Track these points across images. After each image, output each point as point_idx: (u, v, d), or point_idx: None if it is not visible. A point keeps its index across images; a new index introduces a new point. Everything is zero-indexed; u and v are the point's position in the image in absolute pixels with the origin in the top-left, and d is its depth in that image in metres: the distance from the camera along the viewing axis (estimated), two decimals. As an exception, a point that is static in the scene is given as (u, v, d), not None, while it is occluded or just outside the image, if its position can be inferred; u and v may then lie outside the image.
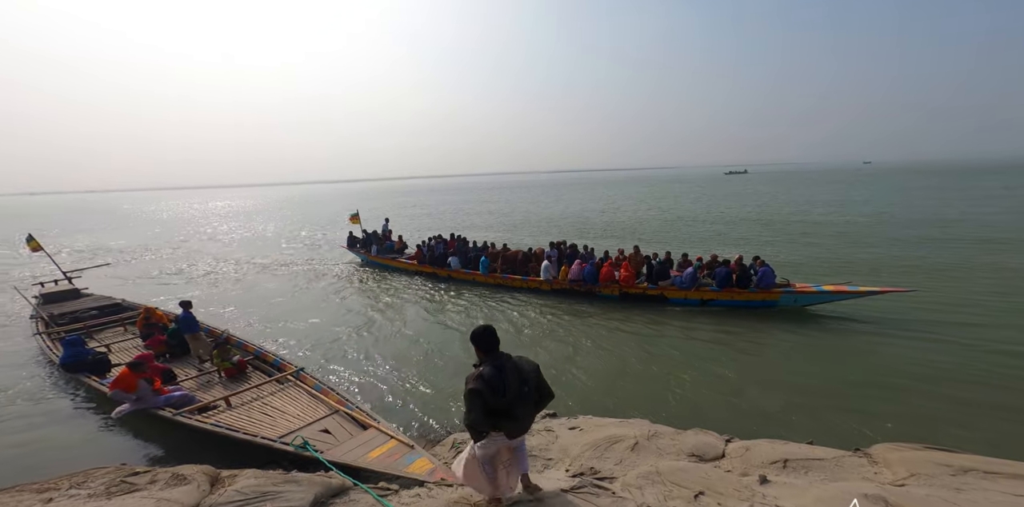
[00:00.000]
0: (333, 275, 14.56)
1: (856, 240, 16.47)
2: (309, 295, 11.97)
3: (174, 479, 3.31)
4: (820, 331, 7.46)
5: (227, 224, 37.11)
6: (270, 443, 4.32)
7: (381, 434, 4.43)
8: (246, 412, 5.13)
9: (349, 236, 17.04)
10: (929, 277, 10.57)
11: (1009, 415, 4.86)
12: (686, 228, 22.03)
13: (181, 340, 6.90)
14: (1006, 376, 5.65)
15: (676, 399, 5.59)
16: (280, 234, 27.63)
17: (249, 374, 6.29)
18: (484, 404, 2.46)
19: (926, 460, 3.25)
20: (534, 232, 23.06)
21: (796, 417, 4.97)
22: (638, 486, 3.14)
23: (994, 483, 2.89)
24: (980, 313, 7.85)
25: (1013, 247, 13.57)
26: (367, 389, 6.34)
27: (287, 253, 19.77)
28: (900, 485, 2.95)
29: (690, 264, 9.33)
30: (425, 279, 13.00)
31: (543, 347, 7.50)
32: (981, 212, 22.55)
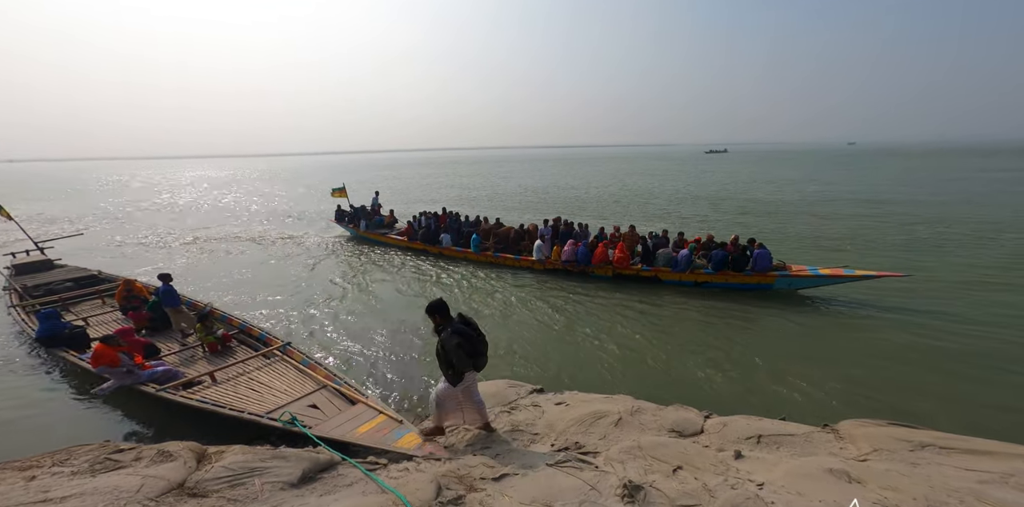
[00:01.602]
0: (321, 249, 14.28)
1: (782, 220, 17.18)
2: (296, 269, 11.78)
3: (159, 456, 3.31)
4: (808, 313, 7.66)
5: (210, 195, 35.92)
6: (257, 419, 4.33)
7: (370, 409, 4.48)
8: (232, 387, 5.10)
9: (337, 210, 16.61)
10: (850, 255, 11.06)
11: (976, 392, 5.12)
12: (638, 206, 22.43)
13: (162, 314, 6.74)
14: (977, 358, 5.88)
15: (660, 376, 5.78)
16: (264, 206, 26.84)
17: (234, 348, 6.22)
18: (466, 352, 3.37)
19: (888, 436, 3.47)
20: (493, 206, 23.11)
21: (773, 394, 5.20)
22: (620, 461, 3.28)
23: (948, 458, 3.11)
24: (960, 298, 8.05)
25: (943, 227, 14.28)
26: (355, 364, 6.36)
27: (272, 226, 19.27)
28: (863, 460, 3.15)
29: (685, 245, 9.31)
30: (415, 255, 12.85)
31: (532, 325, 7.59)
32: (940, 192, 23.46)
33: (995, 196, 21.63)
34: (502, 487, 3.15)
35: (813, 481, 2.78)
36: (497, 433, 3.95)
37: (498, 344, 6.81)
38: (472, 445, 3.80)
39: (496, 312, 8.29)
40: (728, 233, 10.26)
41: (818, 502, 2.55)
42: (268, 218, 21.88)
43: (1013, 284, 8.62)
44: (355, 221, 15.43)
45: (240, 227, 19.24)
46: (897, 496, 2.49)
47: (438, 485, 3.15)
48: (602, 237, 10.30)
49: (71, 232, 16.57)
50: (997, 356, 5.88)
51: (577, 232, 10.64)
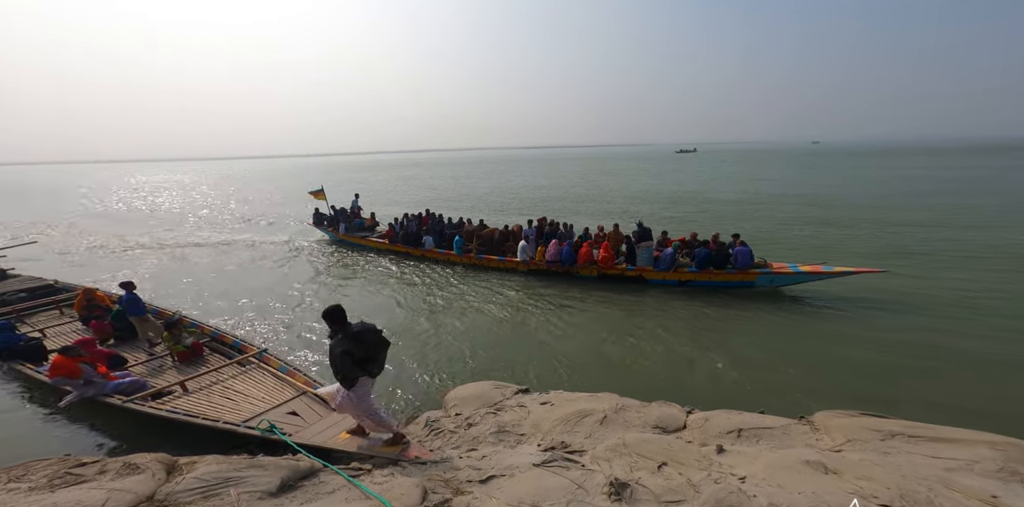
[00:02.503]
0: (298, 253, 13.90)
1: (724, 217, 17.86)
2: (272, 274, 11.44)
3: (126, 468, 3.15)
4: (787, 309, 7.84)
5: (181, 197, 34.94)
6: (234, 428, 4.18)
7: None
8: (205, 397, 4.92)
9: (315, 213, 16.12)
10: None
11: (944, 382, 5.36)
12: (598, 204, 22.91)
13: (127, 323, 6.45)
14: (946, 348, 6.16)
15: (644, 373, 5.86)
16: (238, 210, 26.04)
17: (206, 357, 6.00)
18: (352, 359, 3.40)
19: (860, 426, 3.60)
20: (457, 208, 23.09)
21: (753, 388, 5.33)
22: (606, 459, 3.31)
23: (916, 446, 3.25)
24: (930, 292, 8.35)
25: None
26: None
27: (246, 230, 18.67)
28: (838, 450, 3.27)
29: (669, 244, 9.38)
30: (397, 258, 12.61)
31: (517, 326, 7.58)
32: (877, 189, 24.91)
33: (934, 192, 23.09)
34: (489, 489, 3.13)
35: (792, 473, 2.86)
36: (481, 435, 3.92)
37: (482, 346, 6.79)
38: (458, 448, 3.77)
39: (480, 313, 8.24)
40: (684, 231, 10.47)
41: (797, 494, 2.62)
42: (242, 222, 21.20)
43: (973, 276, 9.10)
44: (334, 224, 15.04)
45: (213, 232, 18.60)
46: (871, 486, 2.59)
47: (424, 489, 3.10)
48: (586, 237, 10.29)
49: (24, 240, 15.59)
50: (962, 348, 6.15)
51: (562, 232, 10.57)
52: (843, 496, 2.51)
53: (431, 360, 6.38)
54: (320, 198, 15.32)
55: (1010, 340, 6.23)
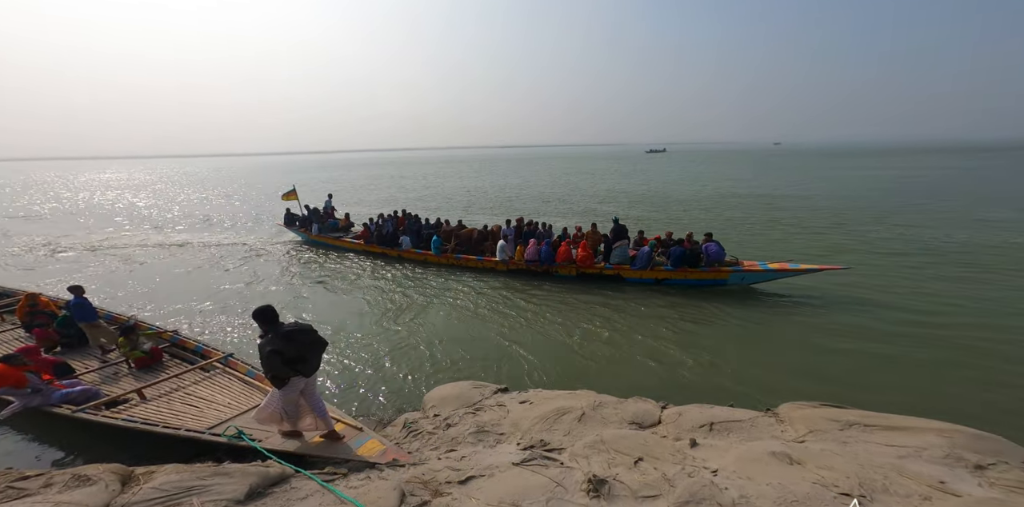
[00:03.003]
0: (268, 255, 13.35)
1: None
2: (238, 276, 10.96)
3: (75, 481, 2.98)
4: (756, 306, 8.11)
5: (150, 198, 32.97)
6: (197, 435, 4.01)
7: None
8: (166, 404, 4.69)
9: (286, 213, 15.47)
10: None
11: (896, 372, 5.69)
12: (564, 204, 23.35)
13: (77, 330, 6.04)
14: (904, 339, 6.52)
15: (620, 369, 5.97)
16: (201, 210, 24.78)
17: (166, 363, 5.71)
18: (281, 359, 3.41)
19: (821, 417, 3.80)
20: (422, 208, 22.92)
21: (724, 382, 5.51)
22: (585, 456, 3.36)
23: (871, 435, 3.47)
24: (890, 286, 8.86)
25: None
26: None
27: (212, 231, 17.79)
28: (801, 441, 3.44)
29: (645, 242, 9.50)
30: (373, 259, 12.29)
31: (496, 325, 7.55)
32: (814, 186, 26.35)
33: (875, 190, 24.70)
34: (468, 490, 3.12)
35: (760, 465, 2.99)
36: (460, 435, 3.92)
37: (461, 346, 6.76)
38: (437, 449, 3.74)
39: (459, 314, 8.18)
40: (646, 229, 10.68)
41: (765, 485, 2.74)
42: (207, 222, 20.17)
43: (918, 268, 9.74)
44: (306, 225, 14.49)
45: (177, 232, 17.67)
46: (832, 475, 2.74)
47: (401, 492, 3.07)
48: (564, 236, 10.33)
49: None
50: (916, 338, 6.54)
51: (540, 232, 10.57)
52: (807, 486, 2.65)
53: (409, 361, 6.31)
54: (292, 199, 14.75)
55: (953, 333, 6.70)
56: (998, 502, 2.25)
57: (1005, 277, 9.10)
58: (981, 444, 3.17)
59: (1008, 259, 10.35)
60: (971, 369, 5.61)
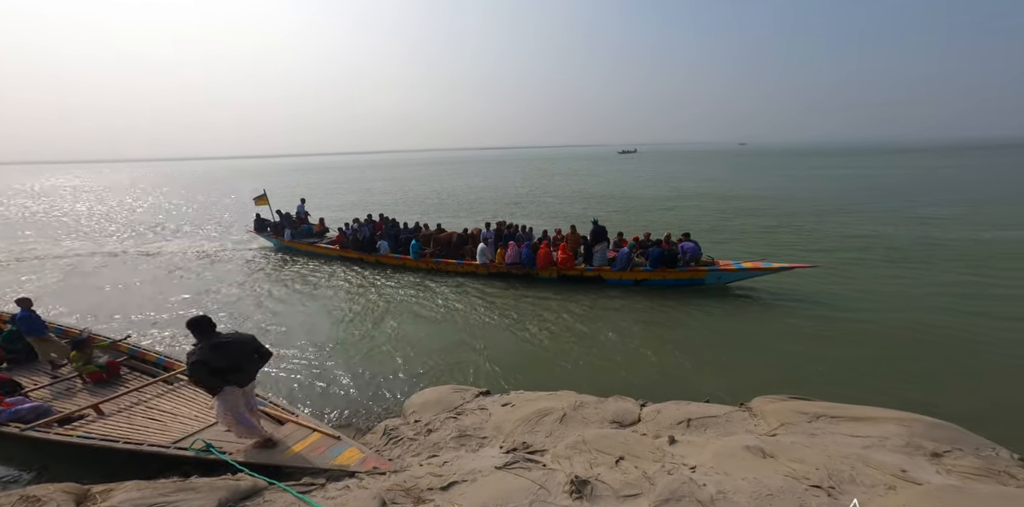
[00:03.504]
0: (238, 263, 12.83)
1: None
2: (203, 285, 10.50)
3: (23, 502, 2.81)
4: (732, 304, 8.34)
5: (105, 201, 31.58)
6: (162, 450, 3.83)
7: (302, 428, 4.16)
8: (126, 419, 4.46)
9: (256, 219, 14.83)
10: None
11: (859, 363, 5.96)
12: (535, 206, 23.52)
13: (24, 345, 5.67)
14: (865, 334, 6.83)
15: (601, 369, 6.03)
16: (166, 216, 23.61)
17: (125, 377, 5.43)
18: (208, 369, 3.43)
19: (791, 410, 3.96)
20: (396, 210, 22.67)
21: (700, 378, 5.66)
22: (567, 457, 3.39)
23: (837, 426, 3.63)
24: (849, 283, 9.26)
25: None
26: (283, 382, 5.91)
27: (178, 238, 16.97)
28: (773, 435, 3.57)
29: (624, 244, 9.59)
30: (349, 265, 11.97)
31: (478, 329, 7.50)
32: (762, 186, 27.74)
33: (837, 189, 25.88)
34: (451, 496, 3.10)
35: (736, 460, 3.09)
36: (442, 440, 3.88)
37: (442, 350, 6.70)
38: (419, 455, 3.69)
39: (439, 318, 8.09)
40: (612, 228, 10.82)
41: (741, 480, 2.83)
42: (169, 229, 19.18)
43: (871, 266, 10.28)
44: (279, 230, 13.97)
45: (134, 240, 16.73)
46: (803, 467, 2.85)
47: (382, 500, 3.02)
48: (544, 239, 10.31)
49: None
50: (876, 332, 6.87)
51: (520, 235, 10.51)
52: (780, 479, 2.75)
53: (388, 368, 6.21)
54: (263, 204, 14.16)
55: (911, 324, 7.10)
56: (955, 489, 2.40)
57: (949, 270, 9.72)
58: (937, 432, 3.37)
59: (951, 253, 11.06)
60: (924, 360, 5.97)
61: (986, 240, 12.33)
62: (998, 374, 5.50)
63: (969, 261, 10.36)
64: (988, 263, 10.15)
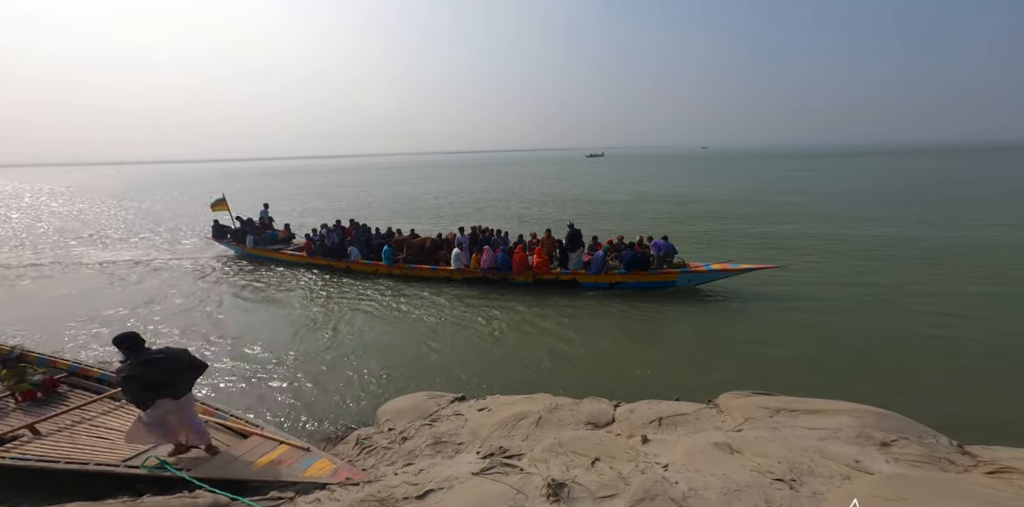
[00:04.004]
0: (193, 271, 12.14)
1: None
2: (155, 296, 9.91)
3: None
4: (700, 305, 8.65)
5: (47, 207, 28.76)
6: (110, 469, 3.61)
7: (267, 440, 3.99)
8: (68, 438, 4.16)
9: (214, 225, 14.06)
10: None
11: (813, 357, 6.35)
12: (498, 210, 23.84)
13: None
14: (815, 329, 7.26)
15: (575, 371, 6.11)
16: (118, 222, 22.10)
17: (65, 394, 5.05)
18: (140, 384, 3.45)
19: (753, 405, 4.15)
20: (355, 215, 22.14)
21: (670, 377, 5.85)
22: (543, 460, 3.41)
23: (796, 419, 3.84)
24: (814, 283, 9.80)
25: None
26: (247, 395, 5.68)
27: (128, 246, 15.84)
28: (738, 430, 3.73)
29: (599, 247, 9.72)
30: (317, 272, 11.54)
31: (453, 335, 7.44)
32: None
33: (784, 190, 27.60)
34: (427, 504, 3.06)
35: (705, 457, 3.20)
36: (417, 448, 3.83)
37: (416, 357, 6.61)
38: (393, 464, 3.62)
39: (413, 324, 7.97)
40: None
41: (710, 476, 2.94)
42: (120, 236, 17.92)
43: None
44: (240, 237, 13.28)
45: (84, 249, 15.52)
46: (767, 461, 3.00)
47: (357, 513, 2.94)
48: (520, 243, 10.27)
49: None
50: (832, 328, 7.32)
51: (495, 239, 10.46)
52: (746, 474, 2.88)
53: (359, 376, 6.06)
54: (222, 209, 13.44)
55: (858, 319, 7.61)
56: (903, 477, 2.59)
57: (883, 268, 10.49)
58: (884, 422, 3.62)
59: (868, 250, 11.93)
60: (871, 353, 6.41)
61: (928, 239, 13.35)
62: (935, 365, 5.98)
63: (916, 260, 11.20)
64: (935, 262, 10.94)
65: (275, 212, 22.33)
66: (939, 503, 2.30)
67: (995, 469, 2.71)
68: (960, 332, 6.92)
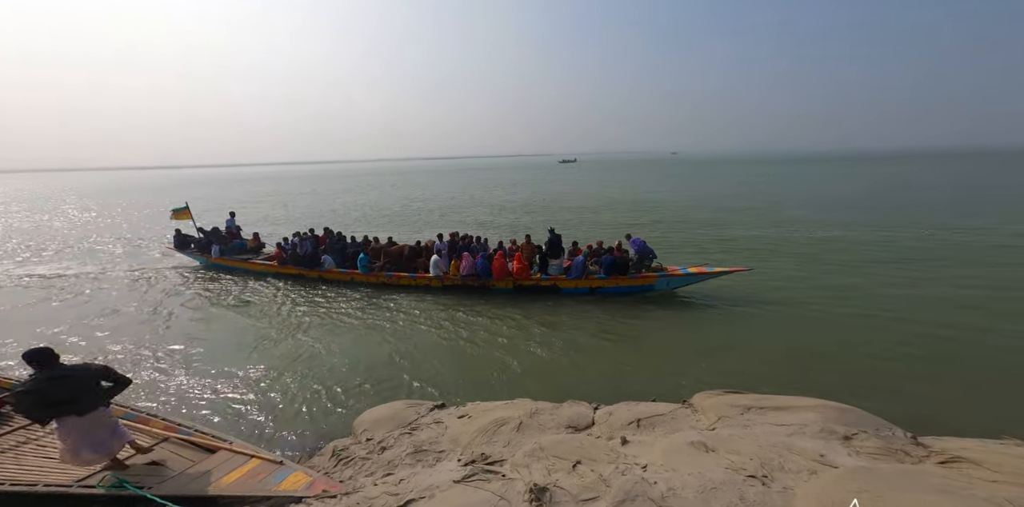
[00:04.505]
0: (152, 284, 11.46)
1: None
2: (108, 308, 9.34)
3: None
4: (676, 307, 8.80)
5: None
6: (62, 490, 3.40)
7: (237, 455, 3.83)
8: (13, 459, 3.89)
9: (176, 235, 13.33)
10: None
11: (782, 354, 6.60)
12: (460, 216, 23.97)
13: None
14: (781, 327, 7.57)
15: (556, 375, 6.12)
16: (70, 234, 20.66)
17: (9, 414, 4.71)
18: (40, 400, 3.34)
19: (726, 403, 4.30)
20: (311, 224, 21.58)
21: (649, 378, 5.93)
22: (525, 465, 3.42)
23: (764, 416, 4.01)
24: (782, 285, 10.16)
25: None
26: (215, 410, 5.42)
27: (78, 259, 14.81)
28: (712, 429, 3.86)
29: (579, 252, 9.75)
30: (290, 282, 11.11)
31: (433, 343, 7.31)
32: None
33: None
34: (409, 515, 3.02)
35: (682, 456, 3.30)
36: (397, 457, 3.76)
37: (394, 366, 6.49)
38: (372, 474, 3.54)
39: (390, 333, 7.77)
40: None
41: (687, 475, 3.03)
42: (71, 249, 16.67)
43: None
44: (204, 247, 12.67)
45: (32, 264, 14.52)
46: (740, 459, 3.12)
47: (335, 527, 2.87)
48: (500, 249, 10.24)
49: None
50: (795, 326, 7.65)
51: (475, 246, 10.34)
52: (721, 472, 2.98)
53: (335, 387, 5.89)
54: (184, 218, 12.75)
55: (821, 318, 7.99)
56: (864, 470, 2.75)
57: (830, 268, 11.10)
58: (845, 416, 3.83)
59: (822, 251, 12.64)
60: (831, 349, 6.74)
61: (883, 242, 14.16)
62: (889, 359, 6.34)
63: (870, 261, 11.86)
64: (894, 262, 11.56)
65: (249, 221, 21.55)
66: (897, 494, 2.45)
67: (946, 459, 2.91)
68: (914, 328, 7.35)
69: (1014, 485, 2.52)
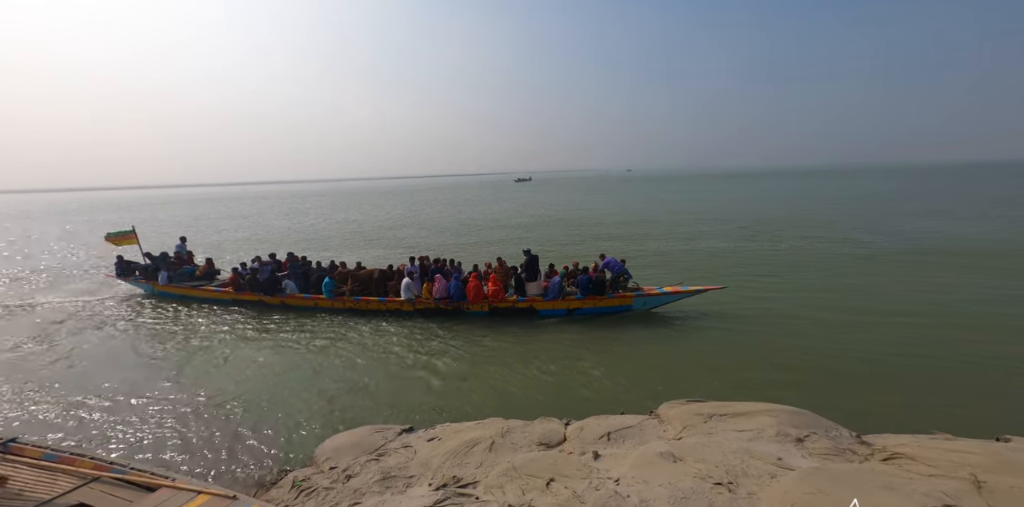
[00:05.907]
0: (89, 316, 10.42)
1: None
2: (32, 342, 8.48)
3: None
4: (648, 325, 8.90)
5: None
6: None
7: (181, 492, 3.49)
8: None
9: (118, 262, 12.18)
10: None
11: (742, 362, 6.92)
12: (413, 236, 23.80)
13: None
14: (740, 338, 7.95)
15: (527, 393, 6.08)
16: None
17: None
18: None
19: (689, 412, 4.45)
20: (250, 248, 20.32)
21: (617, 392, 6.03)
22: (499, 485, 3.37)
23: (725, 423, 4.18)
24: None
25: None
26: (158, 446, 4.97)
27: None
28: (679, 438, 3.98)
29: (555, 274, 9.62)
30: (247, 310, 10.42)
31: (400, 367, 7.10)
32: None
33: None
34: (378, 547, 2.87)
35: (652, 467, 3.37)
36: (364, 485, 3.59)
37: (360, 393, 6.24)
38: (338, 505, 3.34)
39: (356, 359, 7.48)
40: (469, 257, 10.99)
41: (658, 487, 3.10)
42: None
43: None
44: (150, 274, 11.74)
45: None
46: (707, 467, 3.23)
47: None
48: (473, 271, 10.02)
49: None
50: (746, 335, 8.08)
51: (448, 269, 10.09)
52: (690, 481, 3.08)
53: (294, 416, 5.58)
54: (128, 242, 11.75)
55: (777, 328, 8.48)
56: (817, 471, 2.93)
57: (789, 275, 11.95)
58: (797, 419, 4.07)
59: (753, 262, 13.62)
60: (784, 355, 7.17)
61: (841, 250, 15.30)
62: (835, 362, 6.82)
63: (792, 267, 12.83)
64: (837, 272, 12.53)
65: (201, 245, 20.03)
66: (849, 493, 2.63)
67: (888, 456, 3.16)
68: (858, 335, 7.94)
69: (949, 478, 2.78)
